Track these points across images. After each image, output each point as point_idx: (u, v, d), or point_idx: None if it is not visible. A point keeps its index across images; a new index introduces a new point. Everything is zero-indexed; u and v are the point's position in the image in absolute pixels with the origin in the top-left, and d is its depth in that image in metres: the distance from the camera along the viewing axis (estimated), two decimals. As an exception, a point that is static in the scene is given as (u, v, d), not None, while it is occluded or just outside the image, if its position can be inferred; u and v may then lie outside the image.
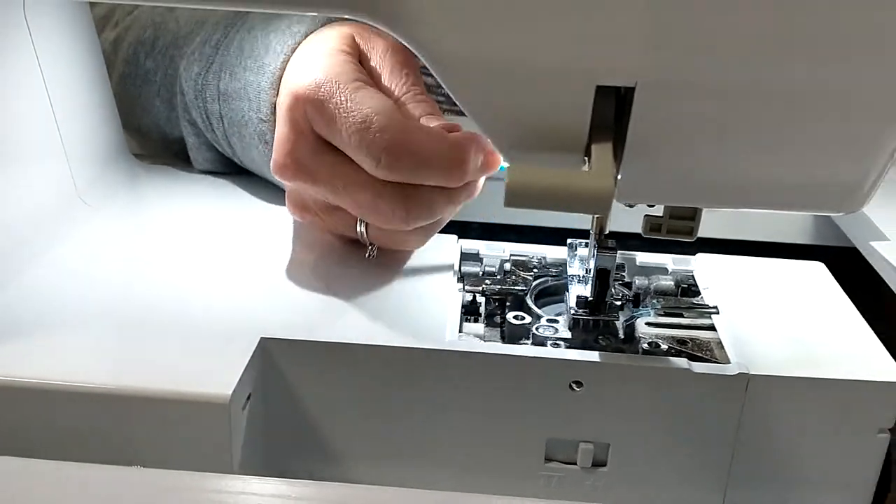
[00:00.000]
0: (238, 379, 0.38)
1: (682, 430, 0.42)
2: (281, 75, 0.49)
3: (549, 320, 0.45)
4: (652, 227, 0.39)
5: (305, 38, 0.49)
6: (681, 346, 0.44)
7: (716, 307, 0.46)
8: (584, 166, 0.33)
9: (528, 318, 0.45)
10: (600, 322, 0.44)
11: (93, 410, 0.38)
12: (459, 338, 0.44)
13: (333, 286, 0.47)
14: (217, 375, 0.38)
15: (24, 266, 0.46)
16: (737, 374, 0.41)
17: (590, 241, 0.43)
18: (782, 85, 0.32)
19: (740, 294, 0.48)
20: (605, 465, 0.43)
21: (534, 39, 0.31)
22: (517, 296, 0.48)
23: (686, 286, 0.49)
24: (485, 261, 0.51)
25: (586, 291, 0.44)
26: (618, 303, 0.45)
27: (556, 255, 0.51)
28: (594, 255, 0.43)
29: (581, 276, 0.46)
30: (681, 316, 0.46)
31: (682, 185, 0.35)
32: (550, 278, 0.49)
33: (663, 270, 0.51)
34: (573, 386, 0.41)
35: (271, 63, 0.49)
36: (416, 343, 0.42)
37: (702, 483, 0.43)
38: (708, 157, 0.34)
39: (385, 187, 0.43)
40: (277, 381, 0.42)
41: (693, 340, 0.44)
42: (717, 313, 0.46)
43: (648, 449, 0.43)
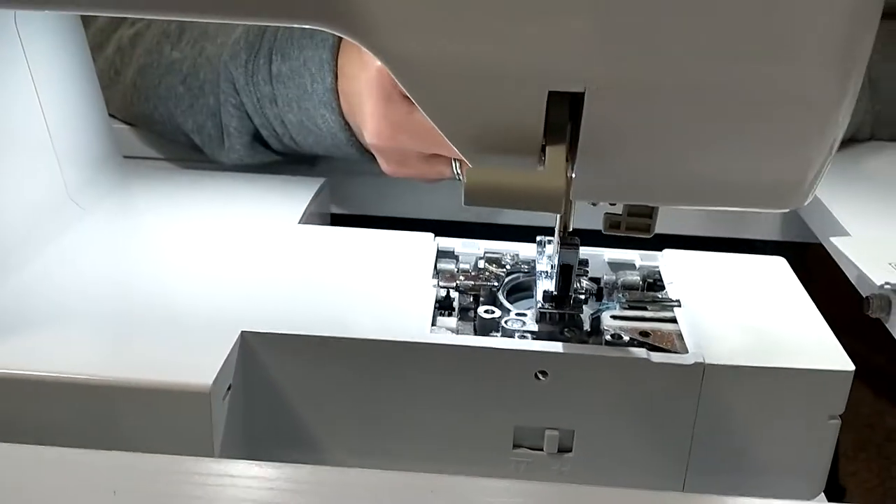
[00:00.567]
0: (218, 370, 0.40)
1: (643, 417, 0.44)
2: (337, 49, 0.56)
3: (517, 314, 0.47)
4: (611, 224, 0.41)
5: None
6: (643, 338, 0.46)
7: (678, 300, 0.48)
8: (539, 167, 0.35)
9: (499, 312, 0.47)
10: (566, 315, 0.46)
11: (80, 400, 0.40)
12: (432, 331, 0.46)
13: (312, 281, 0.49)
14: (198, 367, 0.40)
15: (17, 266, 0.48)
16: (693, 364, 0.43)
17: (554, 237, 0.45)
18: (724, 85, 0.34)
19: (703, 288, 0.50)
20: (570, 450, 0.45)
21: (489, 46, 0.33)
22: (490, 291, 0.50)
23: (652, 281, 0.51)
24: (460, 258, 0.53)
25: (552, 286, 0.47)
26: (582, 296, 0.47)
27: (528, 252, 0.53)
28: (558, 251, 0.45)
29: (548, 272, 0.48)
30: (644, 309, 0.48)
31: (634, 184, 0.36)
32: (522, 274, 0.51)
33: (631, 266, 0.53)
34: (539, 375, 0.44)
35: (328, 38, 0.56)
36: (390, 336, 0.44)
37: (662, 468, 0.45)
38: (656, 157, 0.36)
39: None
40: (257, 372, 0.44)
41: (655, 332, 0.47)
42: (679, 306, 0.48)
43: (611, 435, 0.45)
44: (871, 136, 0.71)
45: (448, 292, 0.49)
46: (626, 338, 0.45)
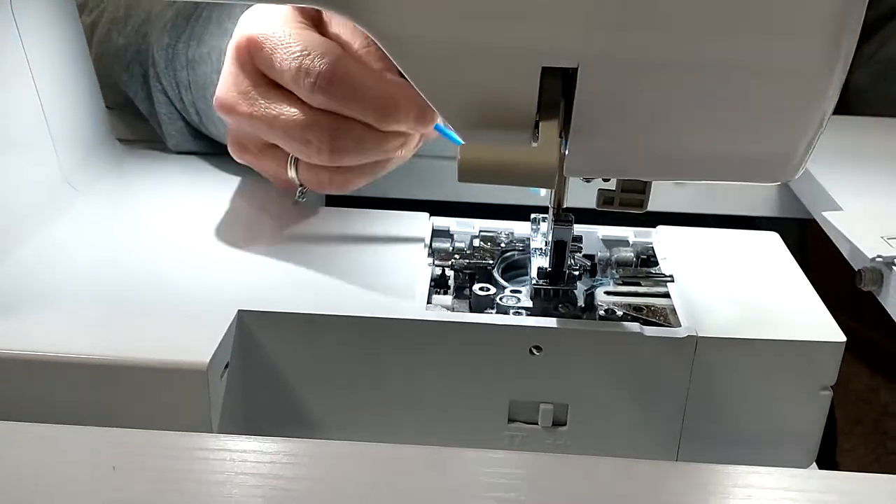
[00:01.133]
0: (215, 348, 0.41)
1: (636, 390, 0.45)
2: None
3: (511, 290, 0.48)
4: (605, 200, 0.42)
5: None
6: (636, 313, 0.46)
7: (671, 276, 0.49)
8: (532, 143, 0.36)
9: (493, 289, 0.47)
10: (560, 291, 0.47)
11: (79, 379, 0.41)
12: (427, 308, 0.46)
13: (308, 261, 0.49)
14: (196, 345, 0.41)
15: (13, 247, 0.48)
16: (686, 337, 0.43)
17: (548, 214, 0.46)
18: (715, 59, 0.34)
19: (696, 263, 0.50)
20: (564, 424, 0.46)
21: (483, 22, 0.33)
22: (485, 269, 0.50)
23: (645, 257, 0.52)
24: (455, 237, 0.54)
25: (546, 262, 0.47)
26: (576, 273, 0.48)
27: (523, 230, 0.53)
28: (552, 228, 0.45)
29: (542, 249, 0.48)
30: (638, 285, 0.49)
31: (626, 160, 0.37)
32: (517, 252, 0.52)
33: (625, 242, 0.53)
34: (533, 350, 0.44)
35: (232, 27, 0.51)
36: (387, 313, 0.44)
37: (656, 439, 0.46)
38: (648, 133, 0.36)
39: (316, 119, 0.46)
40: (254, 350, 0.45)
41: (648, 307, 0.47)
42: (672, 281, 0.48)
43: (605, 408, 0.45)
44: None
45: (444, 271, 0.50)
46: (620, 313, 0.46)
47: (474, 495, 0.33)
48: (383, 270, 0.49)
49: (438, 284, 0.49)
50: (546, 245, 0.47)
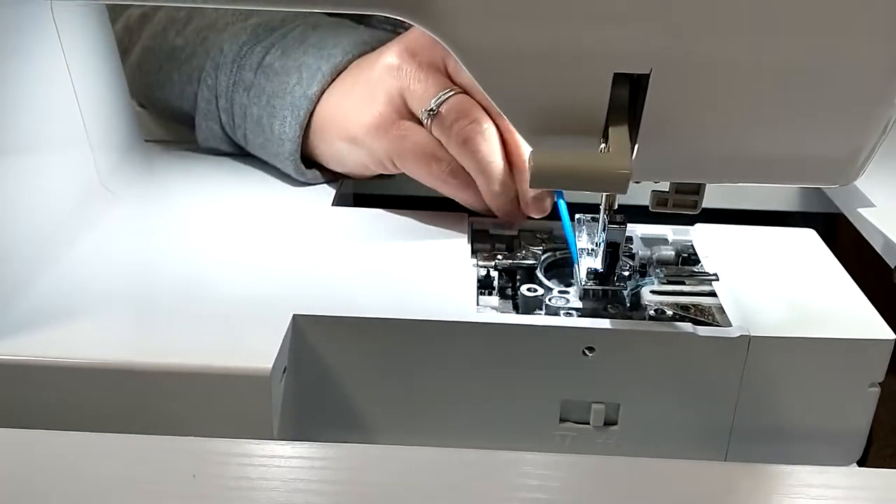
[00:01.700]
0: (276, 353, 0.41)
1: (687, 389, 0.45)
2: (343, 69, 0.56)
3: (560, 291, 0.48)
4: (659, 201, 0.42)
5: (373, 49, 0.56)
6: (684, 312, 0.47)
7: (715, 274, 0.49)
8: (601, 148, 0.36)
9: (541, 290, 0.48)
10: (609, 292, 0.47)
11: (140, 387, 0.41)
12: (478, 310, 0.46)
13: (353, 262, 0.49)
14: (256, 351, 0.41)
15: (58, 254, 0.48)
16: (739, 336, 0.44)
17: (600, 216, 0.46)
18: (783, 63, 0.34)
19: (738, 261, 0.51)
20: (615, 423, 0.46)
21: (555, 30, 0.34)
22: (527, 270, 0.50)
23: (686, 255, 0.52)
24: (495, 237, 0.54)
25: (596, 264, 0.47)
26: (626, 273, 0.48)
27: (561, 229, 0.54)
28: (605, 229, 0.45)
29: (590, 250, 0.48)
30: (683, 284, 0.49)
31: (692, 163, 0.37)
32: (558, 252, 0.52)
33: (664, 241, 0.53)
34: (586, 351, 0.44)
35: (337, 56, 0.56)
36: (440, 316, 0.44)
37: (705, 438, 0.46)
38: (715, 136, 0.36)
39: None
40: (308, 354, 0.45)
41: (695, 306, 0.47)
42: (717, 280, 0.49)
43: (656, 408, 0.46)
44: None
45: (488, 272, 0.50)
46: (670, 312, 0.46)
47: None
48: (428, 272, 0.49)
49: (483, 285, 0.49)
50: (597, 246, 0.47)
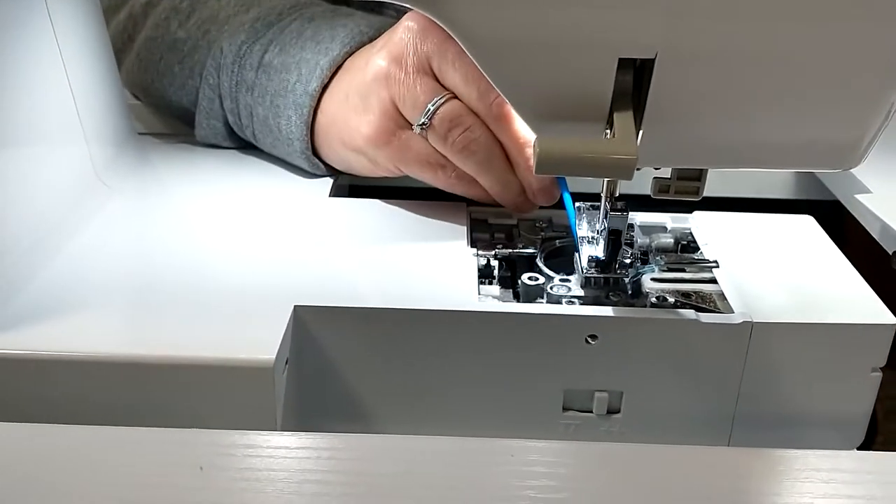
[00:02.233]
0: (279, 344, 0.41)
1: (690, 376, 0.45)
2: (341, 63, 0.55)
3: (561, 280, 0.48)
4: (661, 188, 0.42)
5: (371, 41, 0.55)
6: (686, 299, 0.47)
7: (716, 261, 0.49)
8: (606, 134, 0.36)
9: (542, 279, 0.48)
10: (610, 280, 0.47)
11: (142, 379, 0.40)
12: (479, 299, 0.46)
13: (353, 253, 0.49)
14: (259, 342, 0.41)
15: (56, 249, 0.47)
16: (741, 323, 0.44)
17: (601, 203, 0.46)
18: (785, 49, 0.34)
19: (737, 248, 0.51)
20: (618, 411, 0.46)
21: (559, 15, 0.33)
22: (527, 258, 0.50)
23: (685, 243, 0.52)
24: (493, 226, 0.54)
25: (597, 252, 0.47)
26: (627, 261, 0.48)
27: (560, 217, 0.54)
28: (606, 217, 0.45)
29: (591, 238, 0.48)
30: (683, 271, 0.49)
31: (695, 149, 0.37)
32: (557, 240, 0.52)
33: (662, 228, 0.53)
34: (588, 339, 0.44)
35: (335, 49, 0.55)
36: (441, 305, 0.44)
37: (709, 425, 0.46)
38: (719, 121, 0.36)
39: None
40: (310, 345, 0.44)
41: (697, 293, 0.47)
42: (718, 267, 0.49)
43: (659, 395, 0.46)
44: None
45: (488, 260, 0.50)
46: (672, 300, 0.46)
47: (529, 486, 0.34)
48: (429, 262, 0.49)
49: (483, 274, 0.49)
50: (598, 234, 0.47)
